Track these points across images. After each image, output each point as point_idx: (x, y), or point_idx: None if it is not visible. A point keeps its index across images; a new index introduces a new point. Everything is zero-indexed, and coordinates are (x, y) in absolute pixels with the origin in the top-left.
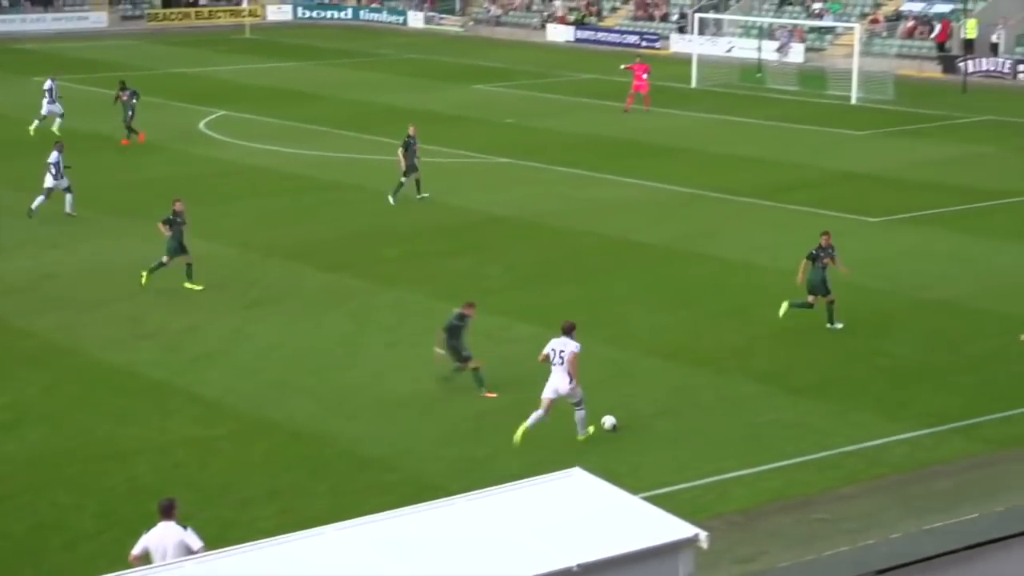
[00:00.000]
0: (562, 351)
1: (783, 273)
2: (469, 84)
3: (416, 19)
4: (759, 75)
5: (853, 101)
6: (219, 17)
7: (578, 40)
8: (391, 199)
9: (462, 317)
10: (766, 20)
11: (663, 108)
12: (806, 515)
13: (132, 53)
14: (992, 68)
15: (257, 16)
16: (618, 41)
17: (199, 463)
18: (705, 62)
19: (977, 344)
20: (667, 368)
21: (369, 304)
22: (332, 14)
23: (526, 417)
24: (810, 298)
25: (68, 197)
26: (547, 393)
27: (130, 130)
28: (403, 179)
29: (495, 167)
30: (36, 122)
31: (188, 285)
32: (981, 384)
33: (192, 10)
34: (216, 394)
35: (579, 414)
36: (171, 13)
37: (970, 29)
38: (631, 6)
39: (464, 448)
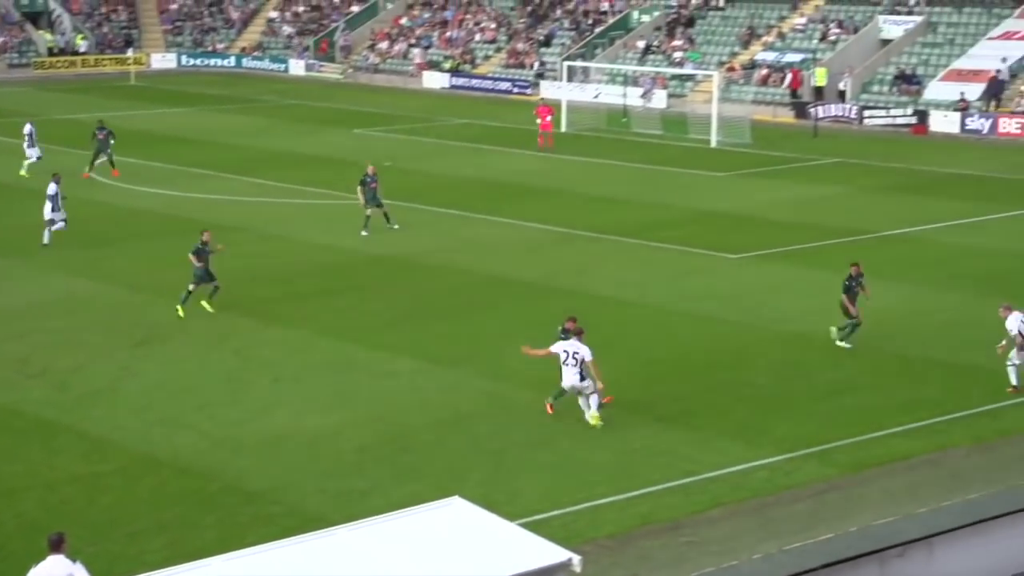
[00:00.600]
0: (576, 353)
1: (650, 308)
2: (349, 129)
3: (297, 67)
4: (625, 120)
5: (713, 144)
6: (104, 65)
7: (453, 87)
8: (363, 232)
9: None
10: (630, 68)
11: (535, 152)
12: (674, 538)
13: (21, 99)
14: (840, 114)
15: (142, 64)
16: (491, 88)
17: (87, 499)
18: (574, 108)
19: (830, 374)
20: (541, 400)
21: (254, 342)
22: (215, 62)
23: (408, 451)
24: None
25: (60, 224)
26: (565, 383)
27: (111, 163)
28: (367, 212)
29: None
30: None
31: (205, 304)
32: (834, 411)
33: (78, 58)
34: (103, 431)
35: (593, 399)
36: (57, 61)
37: (819, 77)
38: (503, 54)
39: (347, 481)
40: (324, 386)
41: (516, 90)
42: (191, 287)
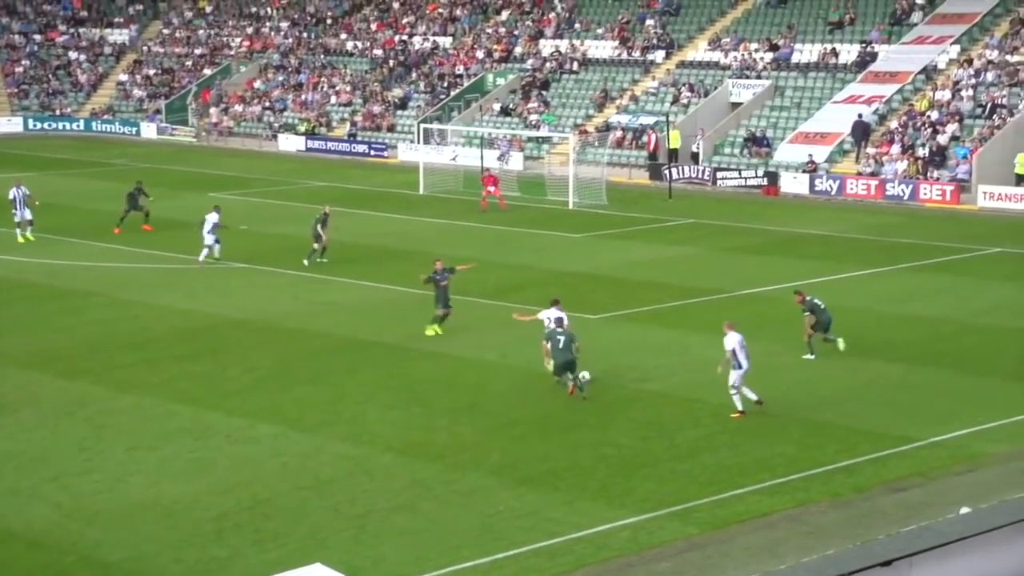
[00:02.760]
0: (563, 320)
1: (512, 369)
2: (204, 192)
3: (149, 130)
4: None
5: (570, 206)
6: None
7: (309, 150)
8: (305, 262)
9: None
10: (487, 130)
11: (392, 214)
12: None
13: None
14: (694, 175)
15: None
16: (348, 150)
17: None
18: (431, 170)
19: (690, 432)
20: (403, 463)
21: (107, 409)
22: (64, 125)
23: (269, 518)
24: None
25: (217, 248)
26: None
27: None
28: (315, 246)
29: (231, 272)
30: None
31: (434, 329)
32: (695, 470)
33: None
34: None
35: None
36: None
37: (673, 139)
38: (359, 117)
39: (206, 549)
40: (181, 454)
41: (373, 152)
42: (440, 312)
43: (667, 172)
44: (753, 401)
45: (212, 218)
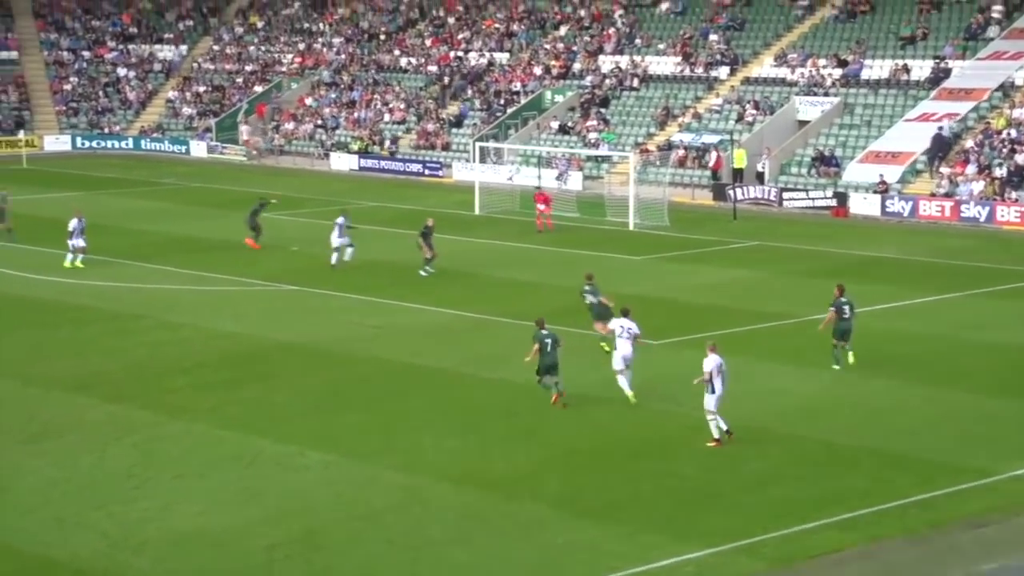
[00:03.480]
0: (630, 328)
1: (570, 396)
2: None
3: (199, 148)
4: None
5: (631, 227)
6: None
7: (362, 169)
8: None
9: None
10: (544, 149)
11: (447, 235)
12: None
13: None
14: (759, 196)
15: (34, 146)
16: (401, 169)
17: None
18: (487, 190)
19: (756, 463)
20: (458, 493)
21: (155, 435)
22: (113, 144)
23: (320, 549)
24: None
25: (349, 251)
26: (618, 364)
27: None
28: (427, 256)
29: (282, 295)
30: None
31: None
32: (761, 503)
33: None
34: None
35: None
36: None
37: (738, 159)
38: (413, 135)
39: None
40: (230, 482)
41: (427, 172)
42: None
43: (731, 192)
44: (723, 431)
45: (340, 221)
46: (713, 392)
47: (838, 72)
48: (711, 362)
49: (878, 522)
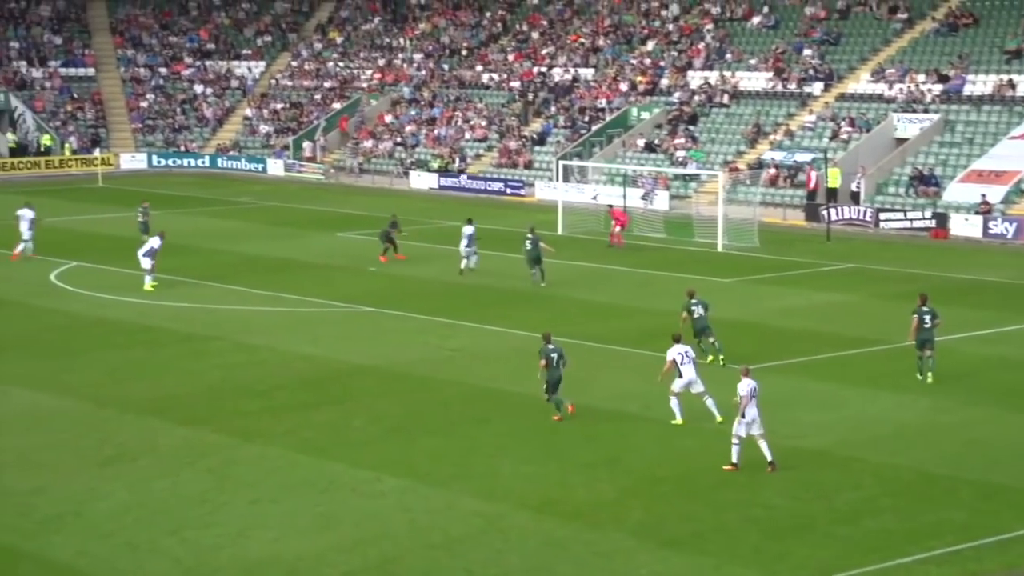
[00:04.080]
0: (689, 353)
1: (655, 423)
2: (332, 232)
3: (276, 167)
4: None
5: (719, 248)
6: (70, 166)
7: (442, 187)
8: (543, 284)
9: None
10: (630, 167)
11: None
12: None
13: None
14: (855, 216)
15: (110, 165)
16: (482, 188)
17: None
18: (570, 209)
19: (850, 494)
20: (538, 521)
21: (229, 460)
22: (189, 162)
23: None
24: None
25: (474, 259)
26: (679, 387)
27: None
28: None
29: (359, 316)
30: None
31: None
32: (855, 535)
33: (42, 159)
34: (68, 558)
35: (709, 401)
36: (19, 162)
37: (832, 178)
38: (495, 153)
39: None
40: (305, 507)
41: (509, 191)
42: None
43: (825, 213)
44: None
45: (468, 231)
46: (743, 417)
47: (938, 88)
48: (745, 386)
49: (977, 557)
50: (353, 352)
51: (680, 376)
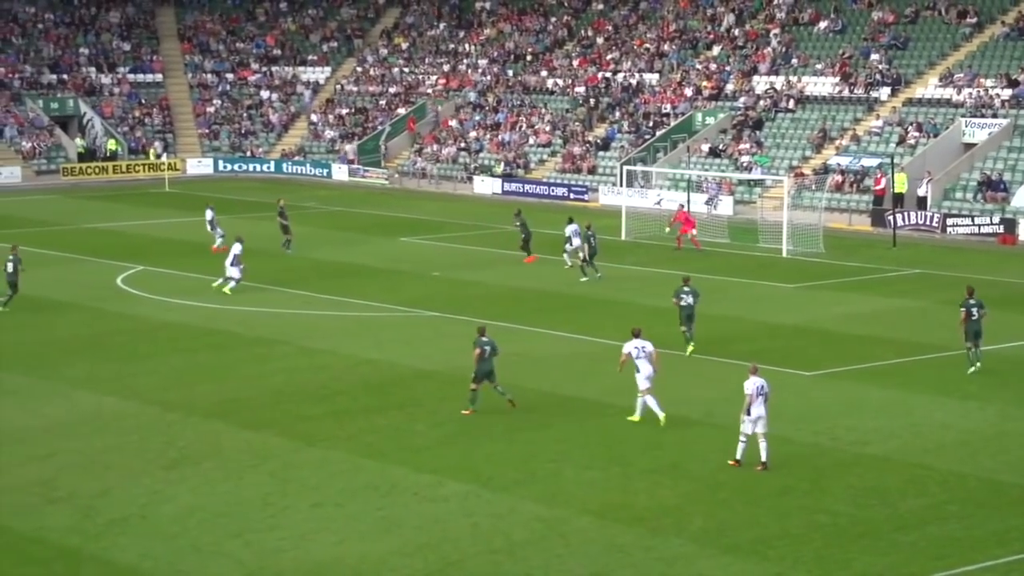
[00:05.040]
0: (646, 348)
1: (718, 428)
2: (396, 237)
3: (340, 172)
4: (668, 231)
5: (784, 254)
6: (137, 171)
7: (506, 192)
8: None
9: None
10: (694, 172)
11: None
12: None
13: (47, 208)
14: (921, 222)
15: (176, 170)
16: (546, 193)
17: None
18: (634, 215)
19: (915, 501)
20: (600, 527)
21: (292, 463)
22: (254, 167)
23: None
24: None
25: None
26: (643, 384)
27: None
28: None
29: (422, 321)
30: None
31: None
32: (920, 542)
33: (109, 164)
34: (132, 560)
35: (646, 400)
36: (88, 167)
37: (899, 183)
38: (558, 158)
39: None
40: (368, 511)
41: (573, 196)
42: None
43: (891, 218)
44: (735, 458)
45: (573, 229)
46: (748, 415)
47: (1007, 92)
48: (751, 384)
49: None
50: (416, 357)
51: (639, 371)
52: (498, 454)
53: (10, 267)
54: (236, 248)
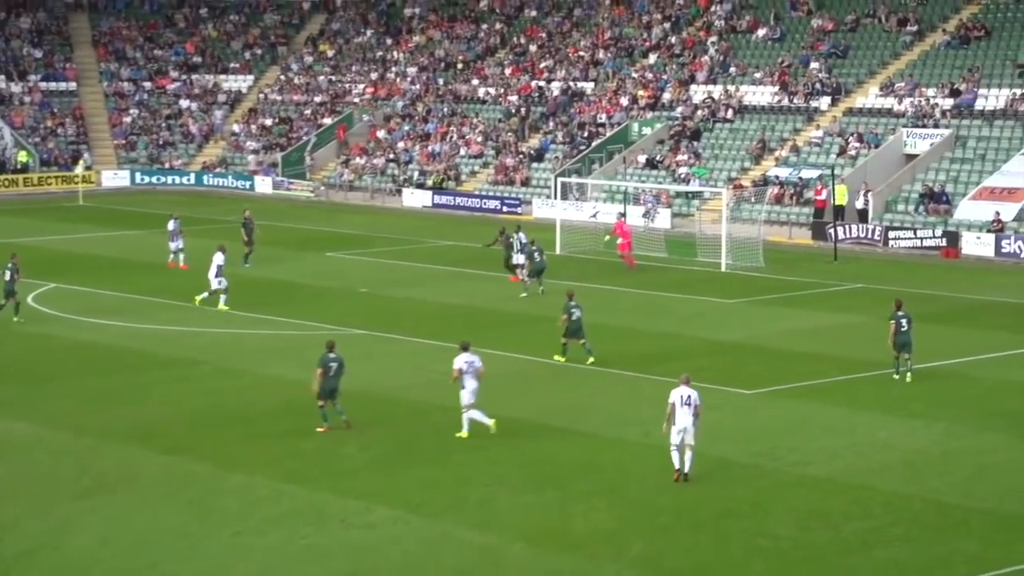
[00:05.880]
0: (475, 363)
1: (656, 449)
2: (322, 252)
3: (264, 184)
4: (607, 239)
5: (723, 268)
6: (50, 184)
7: (436, 205)
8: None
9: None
10: (631, 184)
11: (526, 276)
12: None
13: None
14: (862, 235)
15: (91, 182)
16: (478, 206)
17: None
18: (569, 228)
19: (858, 523)
20: (536, 554)
21: (212, 490)
22: (173, 179)
23: None
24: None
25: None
26: (468, 399)
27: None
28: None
29: (349, 339)
30: None
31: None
32: (864, 567)
33: (20, 176)
34: None
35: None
36: None
37: (839, 195)
38: (491, 170)
39: None
40: (292, 540)
41: (506, 209)
42: None
43: (832, 231)
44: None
45: (522, 238)
46: (675, 424)
47: (949, 102)
48: (675, 394)
49: None
50: (343, 377)
51: (464, 386)
52: (429, 478)
53: (7, 275)
54: (218, 258)
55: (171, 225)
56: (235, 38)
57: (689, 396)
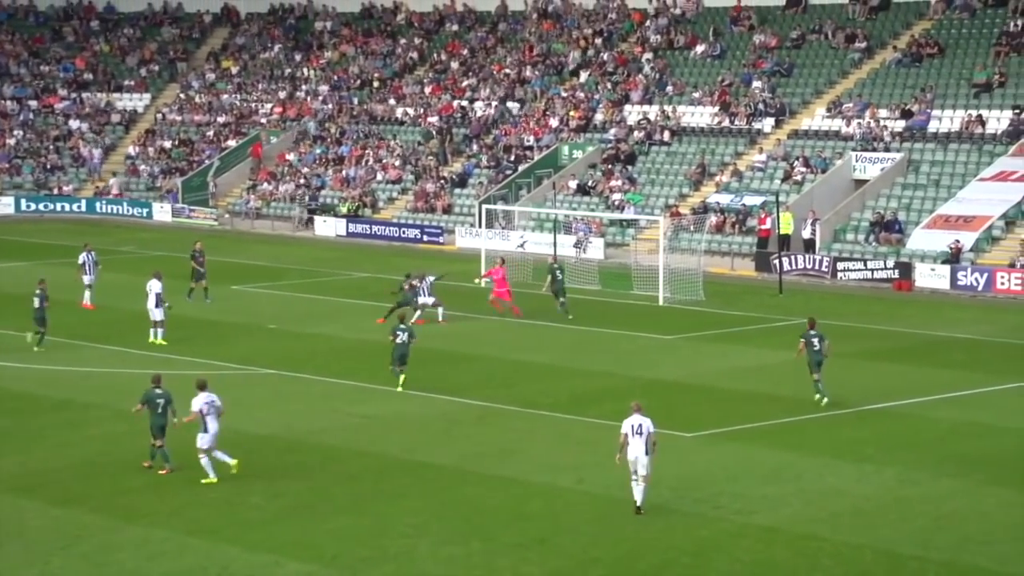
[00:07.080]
0: (214, 402)
1: (589, 497)
2: (226, 284)
3: (163, 212)
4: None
5: (660, 302)
6: None
7: (351, 234)
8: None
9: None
10: (561, 212)
11: (448, 310)
12: None
13: None
14: (809, 266)
15: None
16: (396, 235)
17: None
18: (495, 259)
19: (805, 575)
20: None
21: (108, 544)
22: (63, 206)
23: None
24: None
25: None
26: (208, 443)
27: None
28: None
29: (256, 379)
30: None
31: None
32: None
33: None
34: None
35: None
36: None
37: (784, 223)
38: (410, 196)
39: None
40: None
41: (427, 238)
42: None
43: (777, 263)
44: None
45: (430, 279)
46: (648, 454)
47: (901, 124)
48: (627, 424)
49: None
50: (250, 420)
51: (206, 430)
52: (344, 529)
53: (36, 303)
54: (155, 286)
55: (82, 258)
56: (130, 53)
57: (640, 425)
